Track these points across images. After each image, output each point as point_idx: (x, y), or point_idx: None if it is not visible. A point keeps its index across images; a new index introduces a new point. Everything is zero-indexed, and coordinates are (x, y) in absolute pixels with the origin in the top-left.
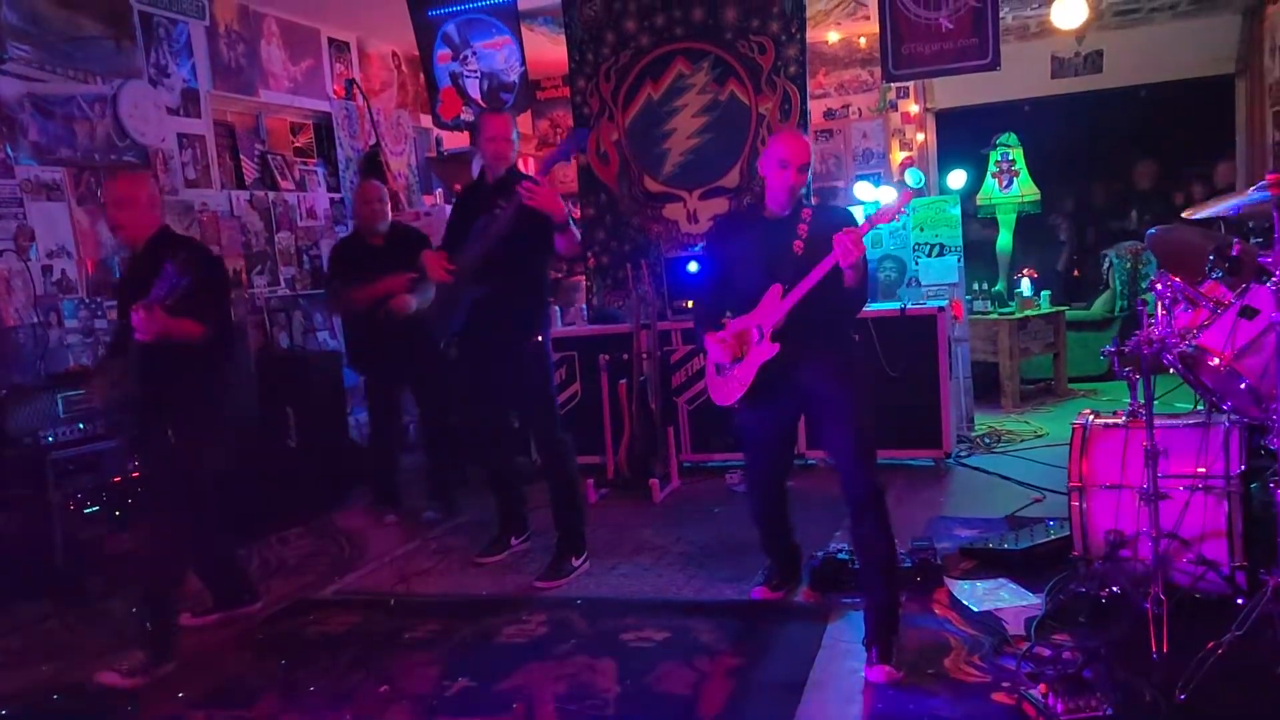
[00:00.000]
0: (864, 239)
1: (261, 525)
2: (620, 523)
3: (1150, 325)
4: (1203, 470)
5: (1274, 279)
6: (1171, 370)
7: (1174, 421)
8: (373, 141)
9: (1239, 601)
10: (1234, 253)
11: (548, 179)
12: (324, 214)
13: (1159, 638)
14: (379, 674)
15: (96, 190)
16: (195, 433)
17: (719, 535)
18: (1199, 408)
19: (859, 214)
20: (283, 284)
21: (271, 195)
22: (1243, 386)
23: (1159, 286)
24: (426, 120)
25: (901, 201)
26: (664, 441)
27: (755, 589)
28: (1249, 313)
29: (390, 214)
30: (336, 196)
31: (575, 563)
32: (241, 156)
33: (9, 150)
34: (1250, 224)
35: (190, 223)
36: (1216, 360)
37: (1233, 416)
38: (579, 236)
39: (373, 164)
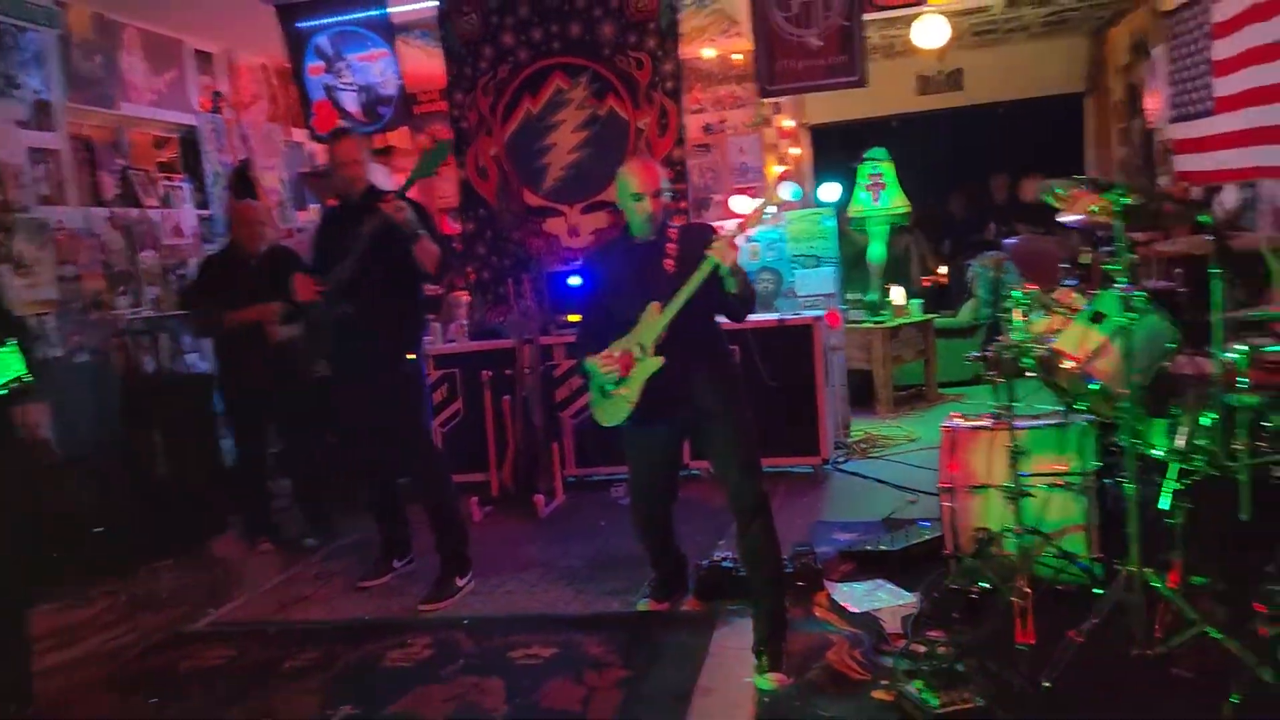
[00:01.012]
0: (740, 243)
1: (130, 557)
2: (506, 539)
3: (1010, 331)
4: (1061, 468)
5: (1120, 286)
6: (1030, 374)
7: (1035, 422)
8: (243, 156)
9: (1097, 591)
10: (1085, 260)
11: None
12: (191, 232)
13: (1024, 629)
14: (258, 706)
15: None
16: None
17: (605, 549)
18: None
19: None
20: (147, 305)
21: (134, 212)
22: (1094, 387)
23: (1017, 294)
24: (300, 134)
25: (764, 206)
26: (548, 457)
27: (642, 601)
28: (1098, 318)
29: (261, 230)
30: (205, 213)
31: (460, 583)
32: (100, 172)
33: None
34: (1099, 233)
35: (44, 242)
36: (1070, 363)
37: (1088, 416)
38: (437, 250)
39: (243, 180)
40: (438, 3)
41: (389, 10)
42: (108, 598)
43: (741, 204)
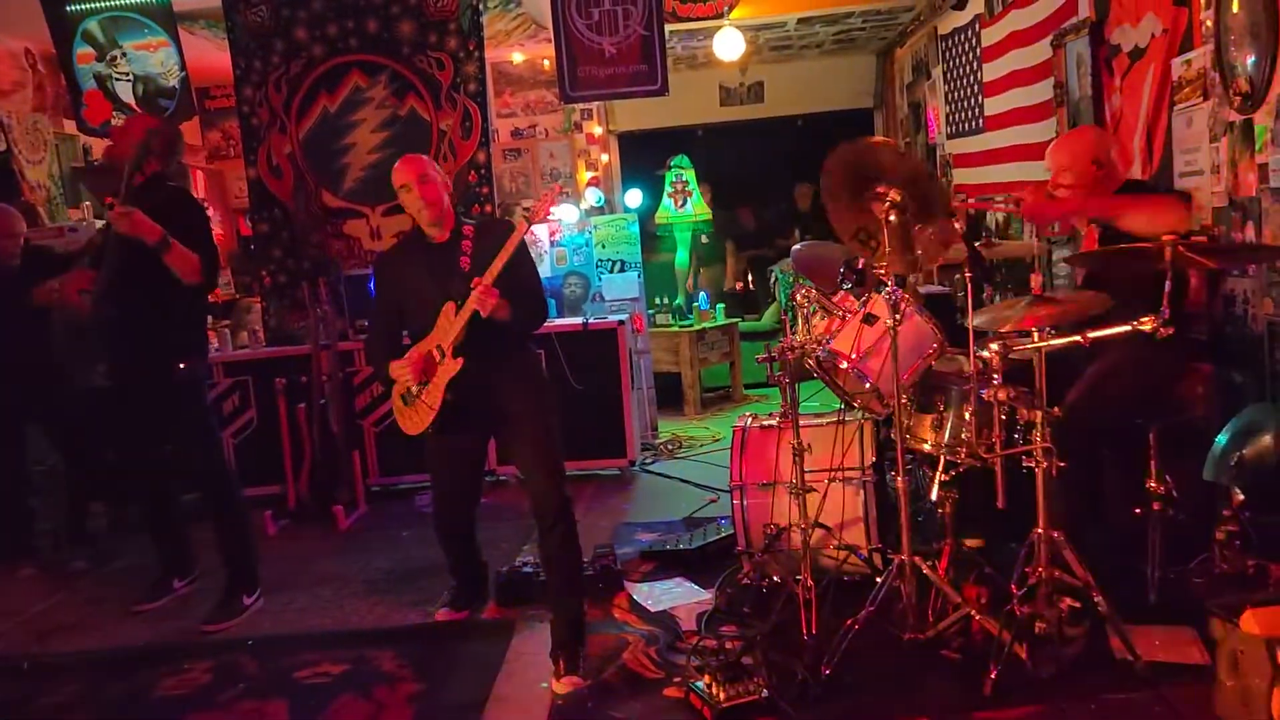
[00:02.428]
0: (499, 280)
1: None
2: (301, 554)
3: (793, 333)
4: (842, 463)
5: (888, 289)
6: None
7: (818, 420)
8: (2, 148)
9: (876, 580)
10: (858, 266)
11: (122, 208)
12: None
13: (809, 620)
14: None
15: None
16: None
17: (406, 559)
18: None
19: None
20: None
21: None
22: (867, 386)
23: (798, 298)
24: (72, 126)
25: (546, 203)
26: (349, 466)
27: (440, 610)
28: (870, 319)
29: (21, 240)
30: None
31: (247, 601)
32: None
33: None
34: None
35: None
36: (845, 363)
37: (864, 413)
38: (196, 257)
39: (4, 173)
40: None
41: None
42: None
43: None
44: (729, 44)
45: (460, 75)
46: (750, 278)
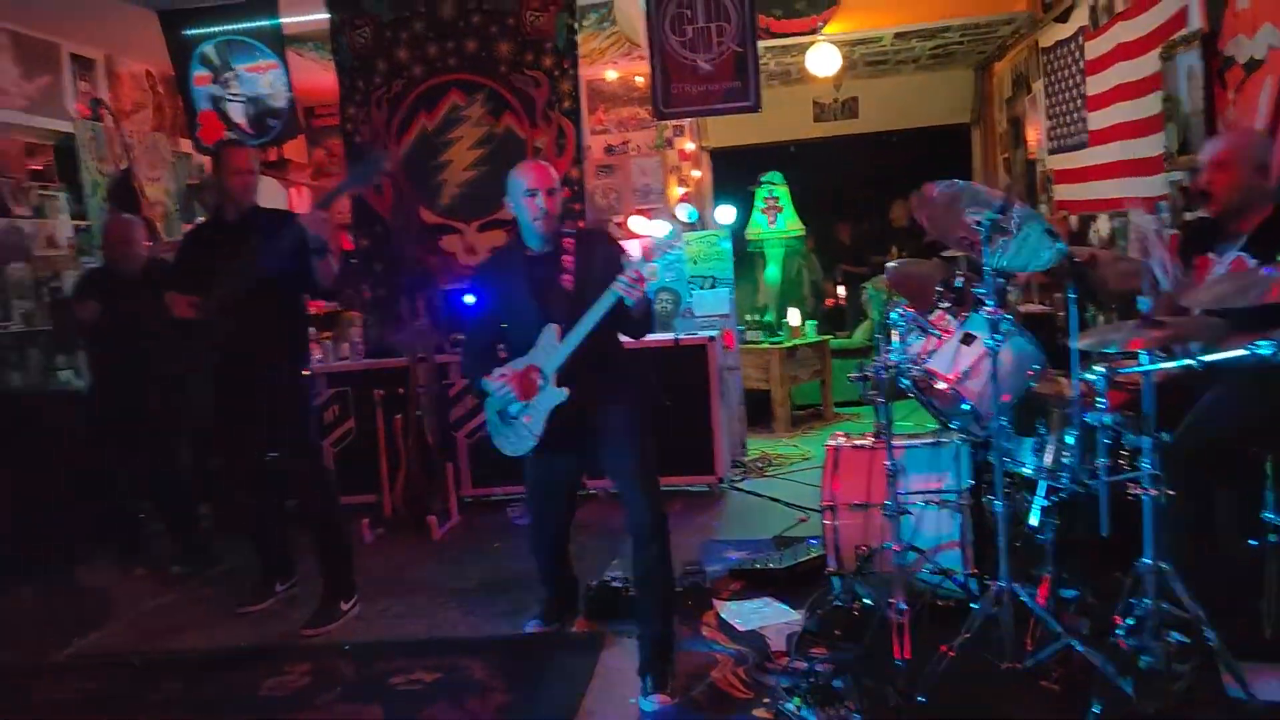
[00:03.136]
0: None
1: None
2: (396, 562)
3: (888, 353)
4: (938, 486)
5: (988, 309)
6: (909, 394)
7: (913, 441)
8: (125, 166)
9: (972, 606)
10: (957, 285)
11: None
12: (67, 243)
13: (902, 644)
14: None
15: None
16: None
17: (497, 570)
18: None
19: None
20: (16, 319)
21: (2, 222)
22: (965, 408)
23: (896, 316)
24: (189, 144)
25: (669, 243)
26: (442, 477)
27: (529, 622)
28: (969, 339)
29: (144, 250)
30: (83, 224)
31: (344, 606)
32: None
33: None
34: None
35: None
36: (943, 384)
37: (961, 435)
38: (337, 268)
39: (125, 190)
40: (330, 15)
41: (280, 21)
42: None
43: (641, 225)
44: (823, 60)
45: (555, 93)
46: (842, 294)
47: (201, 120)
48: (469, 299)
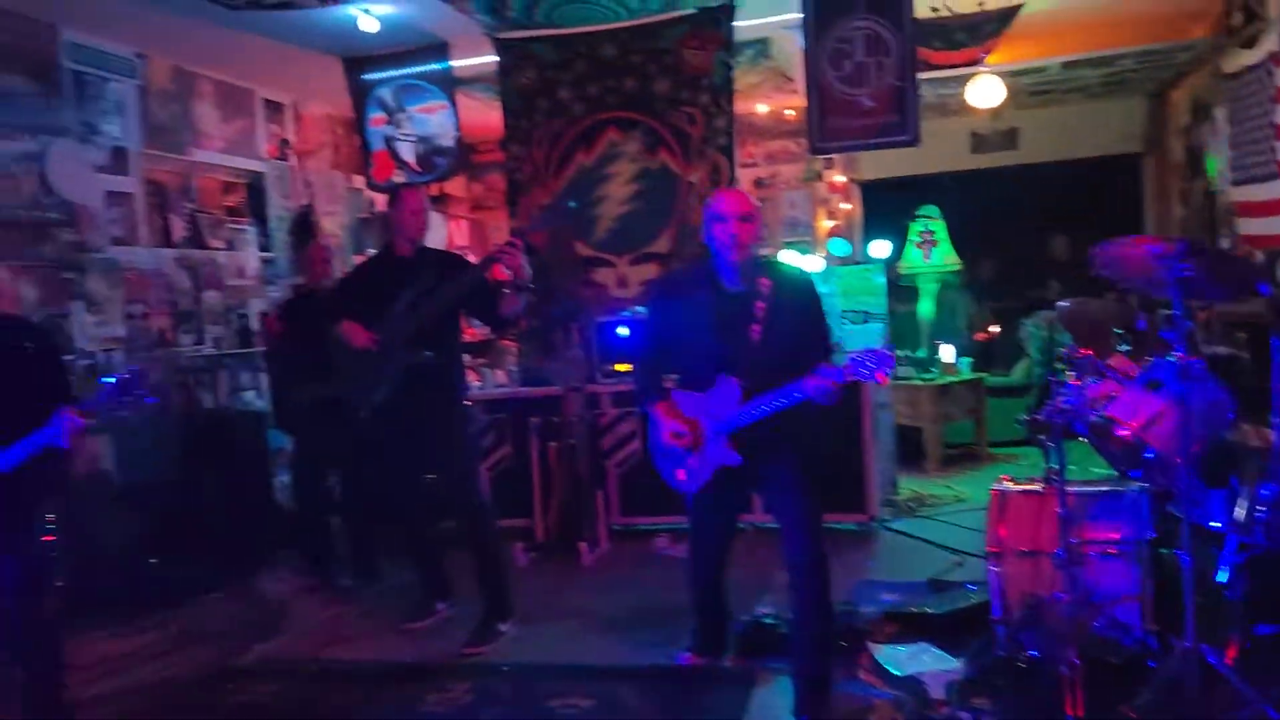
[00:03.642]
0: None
1: (181, 589)
2: (548, 586)
3: (1062, 395)
4: (1115, 536)
5: (1176, 353)
6: (1084, 438)
7: (1087, 488)
8: (305, 202)
9: (1151, 664)
10: (1139, 327)
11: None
12: (254, 273)
13: (1074, 701)
14: None
15: (20, 248)
16: None
17: (647, 599)
18: (1113, 474)
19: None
20: (209, 343)
21: (200, 254)
22: (1149, 456)
23: (1070, 357)
24: (360, 181)
25: (885, 364)
26: (593, 504)
27: (682, 655)
28: (1154, 385)
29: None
30: (268, 256)
31: (502, 627)
32: (170, 215)
33: None
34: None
35: (115, 281)
36: (1125, 431)
37: (1143, 483)
38: (522, 302)
39: (305, 224)
40: (498, 58)
41: (451, 64)
42: (158, 628)
43: (789, 258)
44: (986, 91)
45: (710, 129)
46: (995, 329)
47: (375, 159)
48: (623, 331)
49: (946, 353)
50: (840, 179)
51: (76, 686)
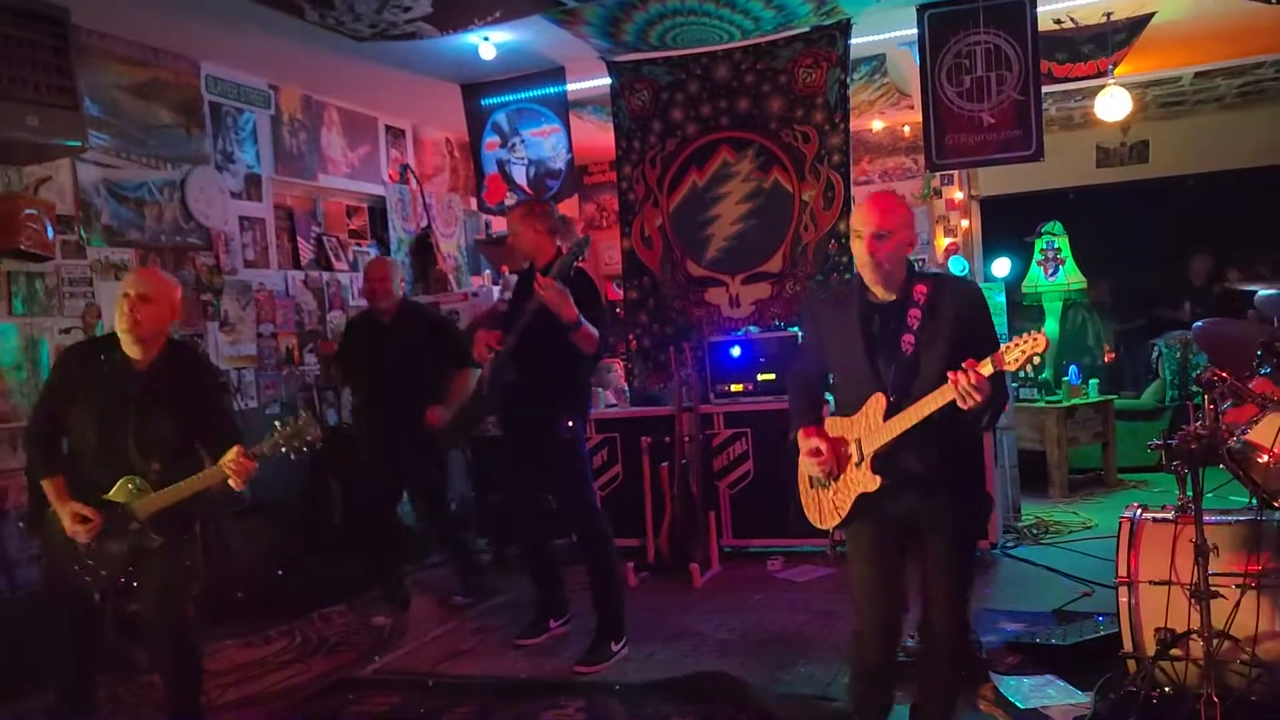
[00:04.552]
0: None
1: (304, 602)
2: (660, 607)
3: (1198, 419)
4: (1256, 568)
5: None
6: (1221, 465)
7: (1225, 517)
8: (424, 224)
9: None
10: None
11: (553, 284)
12: None
13: None
14: None
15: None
16: None
17: (759, 622)
18: (1253, 503)
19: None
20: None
21: (325, 275)
22: None
23: (1207, 379)
24: (474, 203)
25: (1038, 346)
26: (705, 526)
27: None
28: None
29: (397, 291)
30: None
31: (614, 647)
32: (299, 238)
33: (82, 233)
34: None
35: (247, 302)
36: (1265, 457)
37: None
38: (597, 334)
39: (424, 246)
40: (611, 80)
41: (566, 88)
42: (284, 638)
43: None
44: (1115, 104)
45: (825, 147)
46: (1119, 350)
47: (488, 183)
48: (736, 351)
49: (1072, 374)
50: (959, 195)
51: (210, 693)
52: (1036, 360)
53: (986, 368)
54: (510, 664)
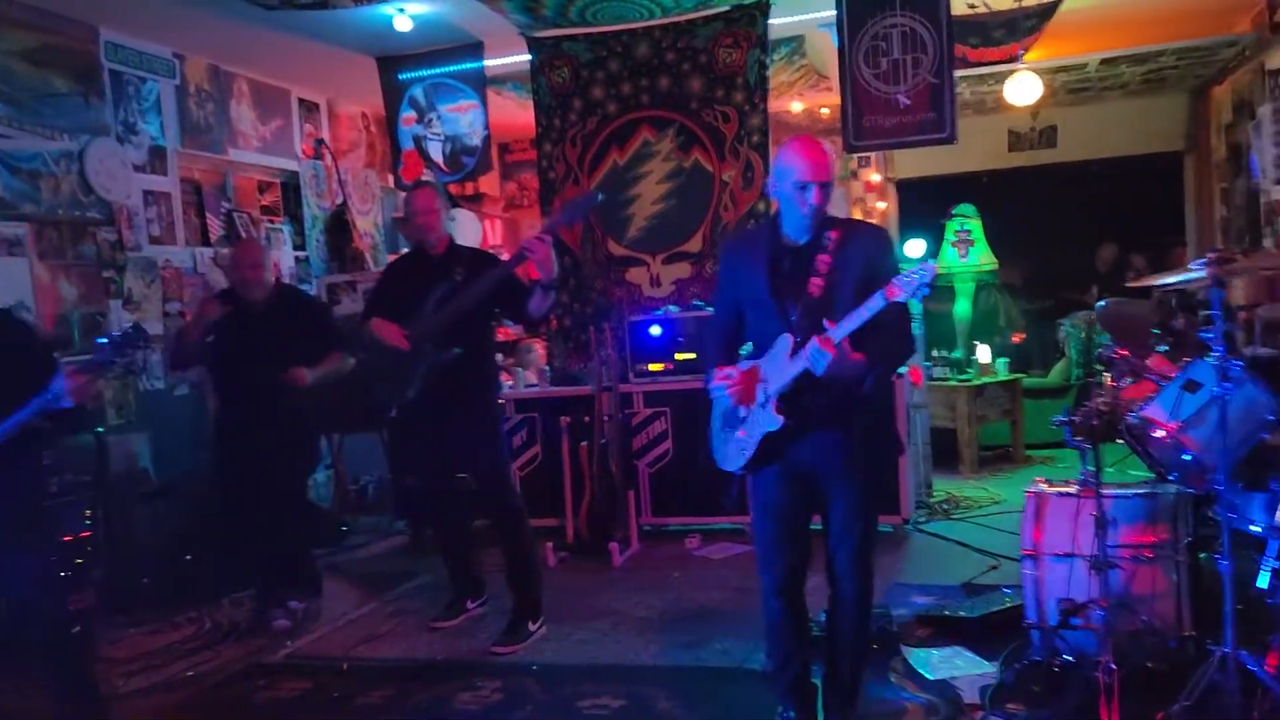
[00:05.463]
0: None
1: (215, 586)
2: (579, 586)
3: (1099, 396)
4: (1151, 540)
5: (1215, 354)
6: (1121, 440)
7: (1124, 491)
8: (340, 201)
9: (1188, 671)
10: (1178, 327)
11: (547, 239)
12: (289, 272)
13: (1110, 707)
14: None
15: (61, 246)
16: None
17: (678, 600)
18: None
19: None
20: None
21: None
22: (1186, 458)
23: (1107, 358)
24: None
25: (927, 273)
26: (624, 505)
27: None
28: (1192, 386)
29: (269, 278)
30: (302, 255)
31: (532, 627)
32: (207, 214)
33: None
34: (1199, 298)
35: (152, 279)
36: (1161, 432)
37: (1180, 486)
38: (552, 300)
39: (339, 223)
40: (531, 56)
41: (484, 64)
42: (192, 624)
43: None
44: (1024, 88)
45: (745, 127)
46: (1028, 331)
47: (404, 159)
48: (655, 330)
49: (983, 353)
50: (876, 178)
51: (113, 681)
52: (926, 289)
53: (875, 301)
54: (426, 646)
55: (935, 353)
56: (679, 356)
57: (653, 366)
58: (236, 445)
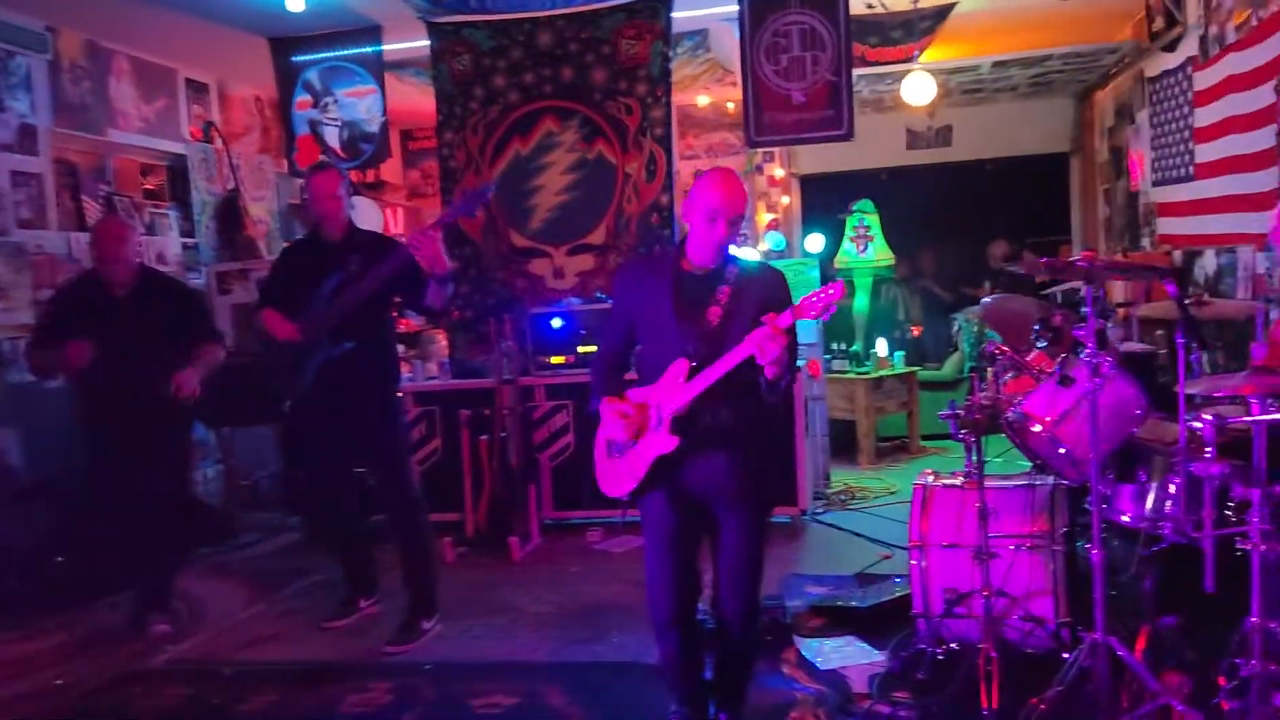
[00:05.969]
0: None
1: (89, 589)
2: (477, 582)
3: (982, 391)
4: (1030, 530)
5: (1088, 350)
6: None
7: (1005, 483)
8: (231, 186)
9: (1065, 657)
10: (1055, 323)
11: (436, 233)
12: (175, 260)
13: (990, 693)
14: None
15: None
16: None
17: (577, 594)
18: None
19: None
20: None
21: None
22: (1061, 451)
23: (990, 353)
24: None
25: (835, 295)
26: (525, 499)
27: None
28: (1067, 381)
29: (134, 258)
30: (190, 242)
31: (426, 625)
32: (84, 197)
33: None
34: (1079, 295)
35: (22, 266)
36: (1038, 426)
37: (1056, 478)
38: (450, 291)
39: (230, 209)
40: (431, 42)
41: (382, 48)
42: (66, 630)
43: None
44: (919, 88)
45: (647, 119)
46: (924, 325)
47: (299, 144)
48: (557, 323)
49: (880, 347)
50: (780, 173)
51: None
52: (833, 308)
53: (786, 318)
54: (317, 647)
55: (834, 346)
56: (581, 349)
57: (555, 359)
58: (105, 439)
